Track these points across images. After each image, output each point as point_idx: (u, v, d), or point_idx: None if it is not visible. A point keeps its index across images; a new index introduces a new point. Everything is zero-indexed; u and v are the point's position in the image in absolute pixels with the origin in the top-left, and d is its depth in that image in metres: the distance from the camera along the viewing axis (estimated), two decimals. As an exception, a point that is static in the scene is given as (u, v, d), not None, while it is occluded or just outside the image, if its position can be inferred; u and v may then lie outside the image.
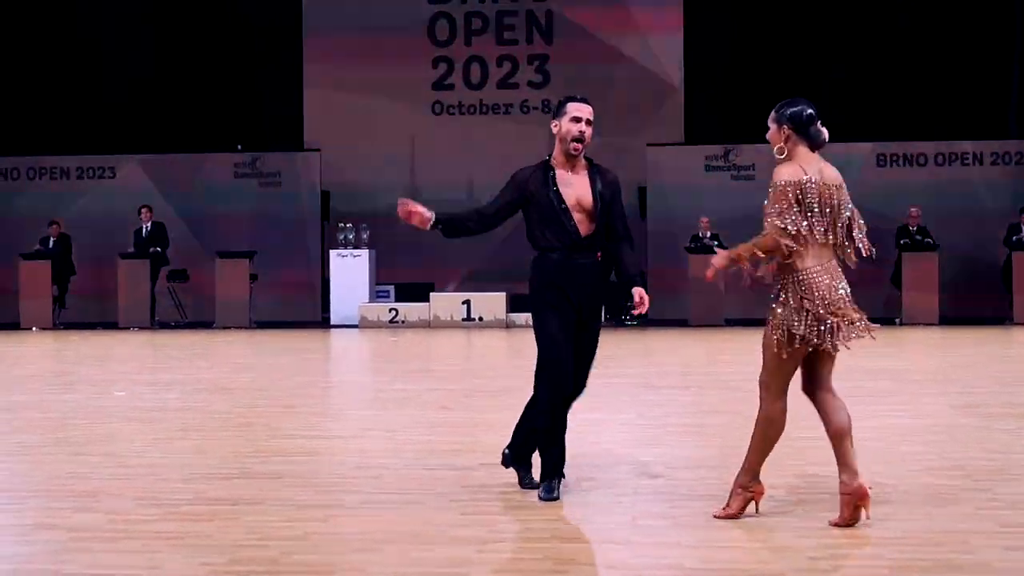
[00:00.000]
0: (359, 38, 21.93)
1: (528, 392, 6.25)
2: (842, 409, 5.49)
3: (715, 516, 5.55)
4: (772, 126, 5.57)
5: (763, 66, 21.72)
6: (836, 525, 5.34)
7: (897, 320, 19.00)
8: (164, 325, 20.19)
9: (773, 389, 5.57)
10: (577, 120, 6.09)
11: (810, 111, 5.50)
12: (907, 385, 10.93)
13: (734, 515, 5.52)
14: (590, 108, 6.19)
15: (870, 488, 5.38)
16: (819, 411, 5.56)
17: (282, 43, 22.29)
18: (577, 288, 6.01)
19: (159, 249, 20.07)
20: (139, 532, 5.41)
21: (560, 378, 5.94)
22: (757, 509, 5.57)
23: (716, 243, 18.51)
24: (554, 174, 6.14)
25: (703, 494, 6.10)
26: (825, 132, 5.53)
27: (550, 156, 6.26)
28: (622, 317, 20.28)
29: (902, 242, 19.34)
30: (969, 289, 19.97)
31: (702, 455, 7.39)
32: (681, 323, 19.27)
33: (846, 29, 21.55)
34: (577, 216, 6.03)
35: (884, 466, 6.86)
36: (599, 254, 6.13)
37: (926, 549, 5.03)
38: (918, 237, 19.49)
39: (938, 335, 16.97)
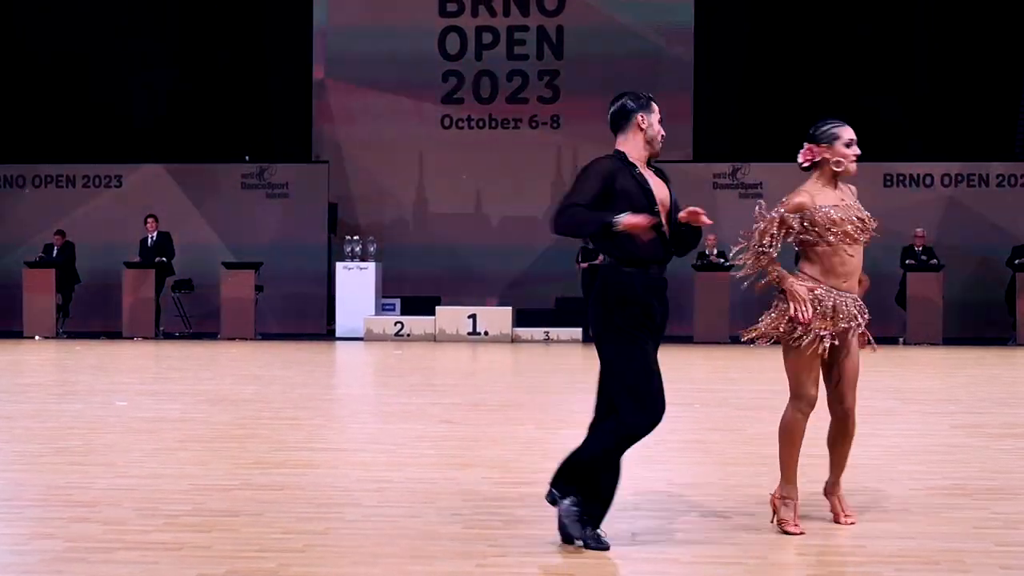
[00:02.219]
0: (369, 50, 21.98)
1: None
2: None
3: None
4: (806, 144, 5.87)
5: (772, 86, 21.75)
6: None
7: (901, 340, 18.99)
8: (168, 335, 20.22)
9: None
10: (661, 122, 5.51)
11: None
12: (909, 404, 10.92)
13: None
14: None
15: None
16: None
17: (292, 54, 22.35)
18: (662, 308, 5.37)
19: (164, 259, 20.09)
20: (137, 543, 5.42)
21: (658, 412, 5.23)
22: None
23: (723, 260, 18.53)
24: (639, 171, 5.38)
25: (703, 511, 6.11)
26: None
27: (620, 153, 5.44)
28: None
29: (907, 262, 19.34)
30: (973, 310, 19.99)
31: (703, 472, 7.39)
32: (686, 339, 19.27)
33: (856, 50, 21.57)
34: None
35: (885, 484, 6.87)
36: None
37: (923, 567, 5.04)
38: (923, 257, 19.48)
39: (941, 355, 16.95)
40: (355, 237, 20.45)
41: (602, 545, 5.29)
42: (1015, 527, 5.80)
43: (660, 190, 5.40)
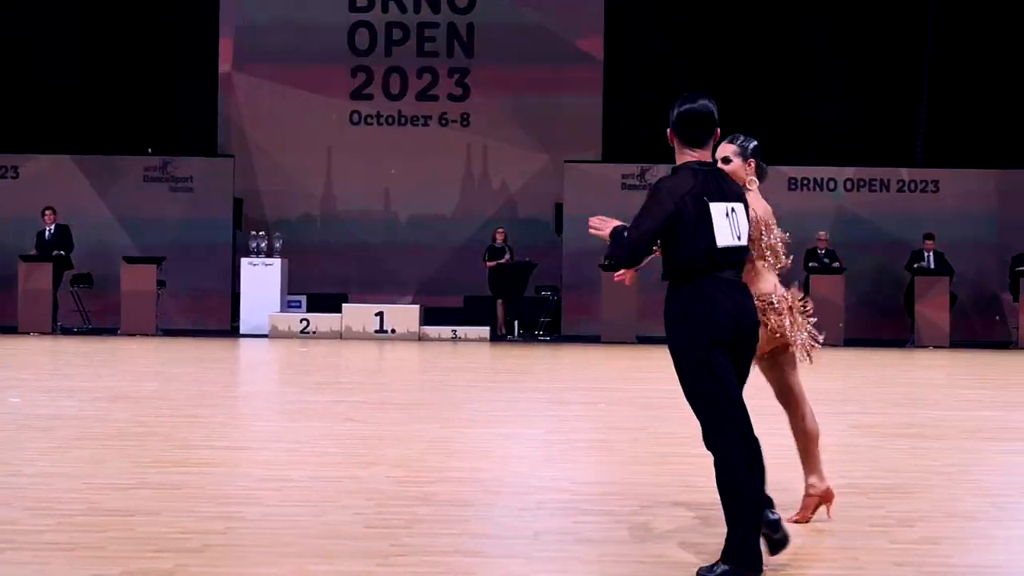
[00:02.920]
0: (277, 44, 21.76)
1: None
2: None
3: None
4: (736, 160, 5.72)
5: (681, 88, 21.89)
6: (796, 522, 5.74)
7: (803, 341, 19.25)
8: (67, 331, 19.84)
9: None
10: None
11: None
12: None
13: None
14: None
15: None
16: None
17: (198, 46, 22.04)
18: None
19: (63, 252, 19.71)
20: (28, 543, 5.30)
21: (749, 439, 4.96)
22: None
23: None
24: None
25: (606, 509, 6.13)
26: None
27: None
28: (535, 332, 20.34)
29: (810, 265, 19.63)
30: (873, 312, 20.38)
31: (607, 471, 7.42)
32: (593, 339, 19.37)
33: (761, 55, 21.84)
34: None
35: (781, 483, 6.94)
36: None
37: (818, 565, 5.11)
38: (826, 260, 19.80)
39: (841, 356, 17.20)
40: (261, 233, 20.24)
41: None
42: (909, 525, 5.91)
43: None
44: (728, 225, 4.98)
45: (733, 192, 5.10)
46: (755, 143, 5.81)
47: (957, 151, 21.68)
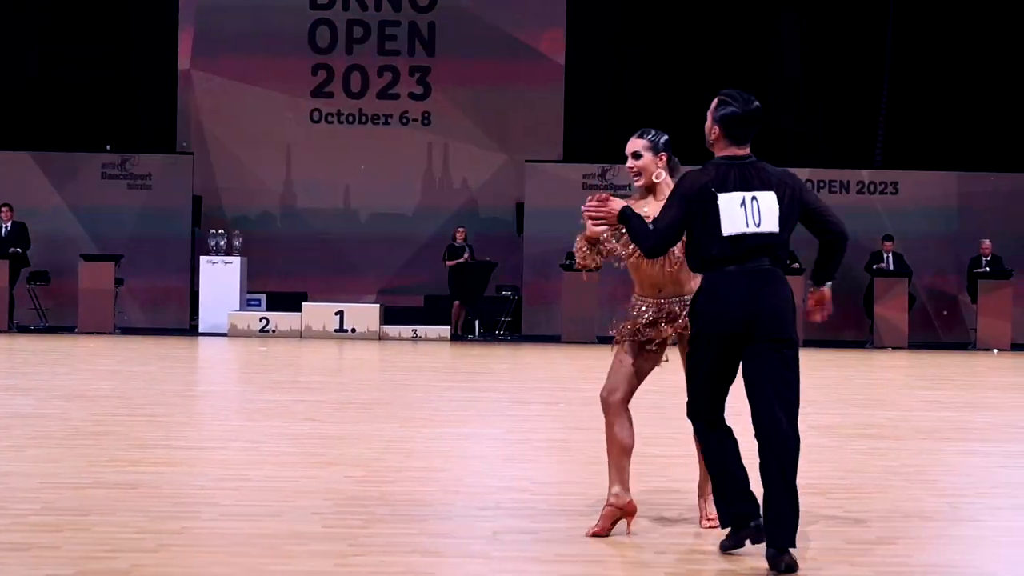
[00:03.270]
0: (237, 41, 21.66)
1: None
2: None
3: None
4: (647, 154, 5.68)
5: (641, 88, 22.01)
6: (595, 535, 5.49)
7: (763, 341, 19.35)
8: (23, 329, 19.66)
9: None
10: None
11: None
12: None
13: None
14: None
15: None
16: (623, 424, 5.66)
17: (157, 42, 21.89)
18: None
19: (19, 250, 19.53)
20: (-17, 542, 5.24)
21: None
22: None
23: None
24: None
25: (565, 509, 6.13)
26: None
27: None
28: (496, 332, 20.33)
29: (770, 265, 19.74)
30: (832, 313, 20.42)
31: (566, 470, 7.42)
32: (554, 339, 19.38)
33: (724, 55, 21.92)
34: None
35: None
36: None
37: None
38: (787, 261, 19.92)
39: (801, 356, 17.34)
40: (220, 231, 20.13)
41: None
42: (866, 525, 5.94)
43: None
44: (743, 213, 5.05)
45: (763, 181, 5.16)
46: (665, 137, 5.75)
47: (916, 152, 21.85)
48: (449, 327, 19.69)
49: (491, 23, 21.89)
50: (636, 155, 5.74)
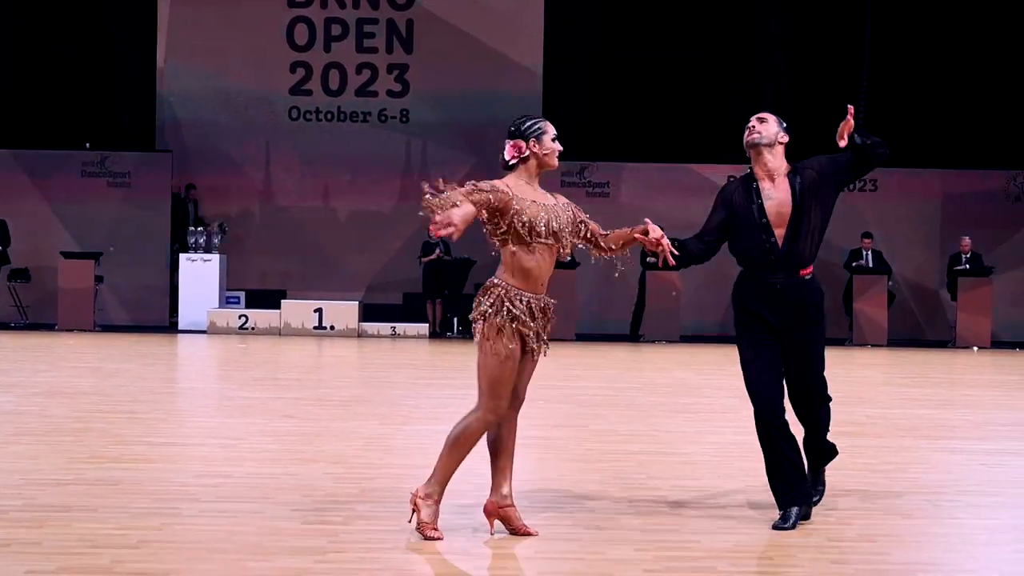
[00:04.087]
0: (215, 39, 21.60)
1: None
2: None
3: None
4: (508, 142, 5.70)
5: (621, 86, 22.04)
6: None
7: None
8: (3, 326, 19.58)
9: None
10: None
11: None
12: (747, 402, 11.13)
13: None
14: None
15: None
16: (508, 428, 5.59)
17: (136, 39, 21.83)
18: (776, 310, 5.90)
19: (0, 247, 19.48)
20: (-37, 539, 5.23)
21: (762, 402, 6.09)
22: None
23: (570, 257, 18.67)
24: (758, 186, 6.19)
25: (543, 506, 6.14)
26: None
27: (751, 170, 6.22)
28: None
29: (749, 263, 19.80)
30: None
31: (545, 468, 7.43)
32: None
33: (703, 50, 21.97)
34: None
35: (722, 480, 7.00)
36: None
37: (756, 562, 5.15)
38: (765, 259, 19.98)
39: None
40: (199, 228, 20.08)
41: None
42: (847, 523, 5.97)
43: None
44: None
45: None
46: (523, 124, 5.77)
47: (896, 150, 21.91)
48: (428, 325, 19.68)
49: (469, 21, 21.86)
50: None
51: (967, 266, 20.00)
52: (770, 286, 5.79)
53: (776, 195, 5.98)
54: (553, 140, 5.71)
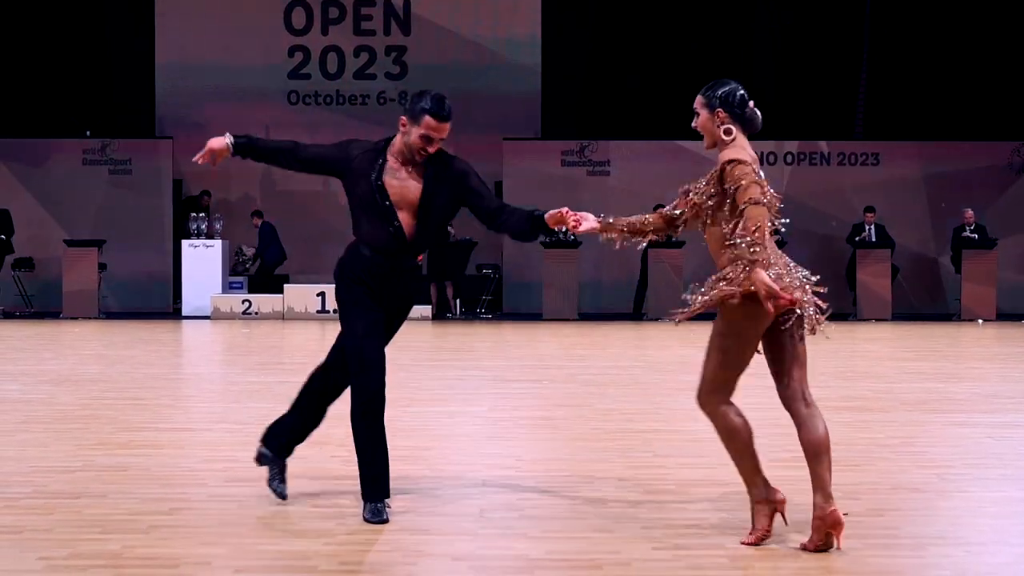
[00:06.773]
0: (213, 24, 21.58)
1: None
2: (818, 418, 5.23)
3: (744, 543, 5.07)
4: (703, 111, 5.25)
5: (619, 64, 22.00)
6: (805, 548, 5.02)
7: (746, 315, 19.42)
8: (8, 315, 19.63)
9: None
10: (429, 140, 5.83)
11: (742, 92, 5.17)
12: (751, 378, 11.13)
13: (764, 534, 5.10)
14: (448, 126, 5.82)
15: (846, 515, 5.11)
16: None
17: (135, 27, 21.81)
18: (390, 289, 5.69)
19: (3, 236, 19.51)
20: (-26, 527, 5.25)
21: (370, 379, 5.69)
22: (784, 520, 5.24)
23: (572, 237, 18.69)
24: (384, 163, 5.84)
25: (550, 486, 6.16)
26: (759, 115, 5.21)
27: (389, 140, 5.96)
28: (477, 310, 20.35)
29: (751, 239, 19.79)
30: (816, 285, 20.53)
31: (550, 447, 7.45)
32: (535, 317, 19.40)
33: (699, 31, 21.94)
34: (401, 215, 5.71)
35: (725, 457, 7.00)
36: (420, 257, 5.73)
37: (771, 539, 5.16)
38: (767, 234, 19.97)
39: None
40: (201, 214, 20.09)
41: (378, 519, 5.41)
42: (854, 497, 5.99)
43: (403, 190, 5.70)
44: None
45: None
46: (725, 89, 5.28)
47: (897, 123, 21.91)
48: (430, 307, 19.69)
49: (466, 1, 21.82)
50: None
51: (975, 236, 19.91)
52: (382, 266, 5.76)
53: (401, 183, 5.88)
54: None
